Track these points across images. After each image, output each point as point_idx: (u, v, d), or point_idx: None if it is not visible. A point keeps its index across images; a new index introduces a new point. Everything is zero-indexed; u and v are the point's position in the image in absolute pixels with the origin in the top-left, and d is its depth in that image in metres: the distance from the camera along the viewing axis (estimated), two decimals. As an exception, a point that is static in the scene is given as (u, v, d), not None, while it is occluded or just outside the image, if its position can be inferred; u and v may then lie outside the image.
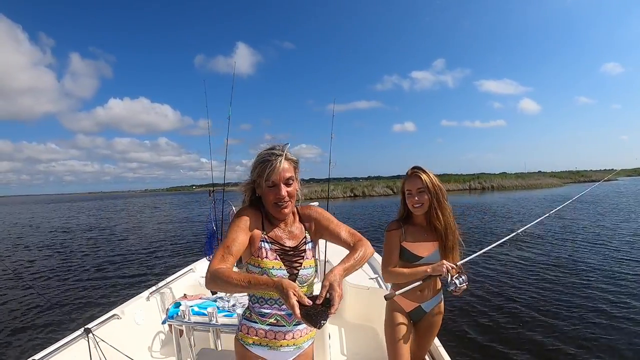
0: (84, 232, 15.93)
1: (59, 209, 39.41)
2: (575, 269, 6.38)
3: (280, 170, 1.18)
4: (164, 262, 8.63)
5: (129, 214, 27.87)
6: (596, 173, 64.29)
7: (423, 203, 1.65)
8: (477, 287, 5.52)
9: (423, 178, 1.64)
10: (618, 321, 4.14)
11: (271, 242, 1.24)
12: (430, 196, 1.63)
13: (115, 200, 76.67)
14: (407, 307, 1.74)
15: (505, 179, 43.09)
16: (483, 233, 10.80)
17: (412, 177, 1.67)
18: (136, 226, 17.82)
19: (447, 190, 1.71)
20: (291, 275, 1.22)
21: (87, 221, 21.76)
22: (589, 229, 10.51)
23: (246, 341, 1.26)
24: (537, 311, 4.54)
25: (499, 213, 16.26)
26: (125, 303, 2.73)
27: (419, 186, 1.64)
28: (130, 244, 11.90)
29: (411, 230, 1.70)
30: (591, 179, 53.07)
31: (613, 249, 7.75)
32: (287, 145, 1.23)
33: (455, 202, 23.66)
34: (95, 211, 33.11)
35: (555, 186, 41.57)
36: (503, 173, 52.39)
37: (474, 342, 3.83)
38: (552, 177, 50.89)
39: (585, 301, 4.81)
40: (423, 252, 1.68)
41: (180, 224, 18.06)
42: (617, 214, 13.76)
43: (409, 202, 1.68)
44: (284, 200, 1.20)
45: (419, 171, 1.67)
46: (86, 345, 2.09)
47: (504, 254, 7.61)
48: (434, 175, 1.67)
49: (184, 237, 13.08)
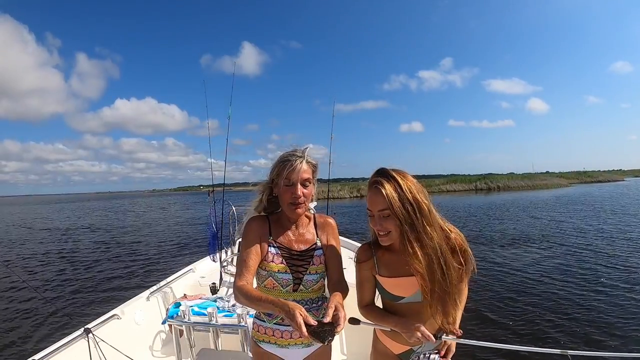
0: (86, 232, 15.97)
1: (65, 209, 39.48)
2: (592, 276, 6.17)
3: (299, 170, 1.21)
4: (163, 262, 8.65)
5: (134, 214, 27.91)
6: (603, 174, 64.06)
7: (390, 230, 1.10)
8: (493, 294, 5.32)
9: (386, 193, 1.06)
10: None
11: (278, 246, 1.27)
12: (400, 220, 1.07)
13: (122, 200, 76.84)
14: (395, 349, 1.27)
15: (512, 180, 43.07)
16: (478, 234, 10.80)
17: (372, 191, 1.11)
18: (137, 226, 17.85)
19: (453, 190, 1.33)
20: (296, 279, 1.25)
21: (90, 221, 21.82)
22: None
23: (258, 338, 1.31)
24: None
25: (492, 214, 16.28)
26: (125, 303, 2.73)
27: (381, 207, 1.09)
28: (130, 244, 11.93)
29: (386, 259, 1.21)
30: (597, 180, 53.37)
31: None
32: (307, 149, 1.27)
33: (459, 203, 23.71)
34: (101, 211, 33.20)
35: (562, 187, 41.64)
36: (511, 173, 52.46)
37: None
38: (559, 177, 51.00)
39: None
40: (403, 291, 1.18)
41: (181, 224, 18.10)
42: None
43: (373, 227, 1.16)
44: (299, 199, 1.22)
45: (382, 180, 1.09)
46: (86, 345, 2.09)
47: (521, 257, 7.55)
48: (410, 183, 1.10)
49: (184, 237, 13.10)
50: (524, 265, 6.78)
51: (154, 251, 10.28)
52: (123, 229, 16.64)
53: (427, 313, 1.15)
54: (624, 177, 65.84)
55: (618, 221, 11.94)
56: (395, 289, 1.20)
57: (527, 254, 7.76)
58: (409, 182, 1.10)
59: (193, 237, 12.67)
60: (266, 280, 1.26)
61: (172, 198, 76.46)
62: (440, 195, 33.75)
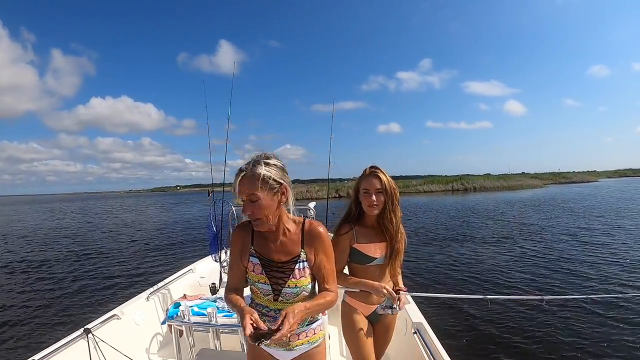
0: (86, 232, 15.93)
1: (54, 209, 39.38)
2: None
3: (236, 189, 1.16)
4: (163, 262, 8.64)
5: (129, 214, 27.85)
6: (577, 174, 64.96)
7: (379, 204, 1.61)
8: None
9: (382, 178, 1.60)
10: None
11: (258, 256, 1.26)
12: (387, 197, 1.60)
13: (105, 200, 76.26)
14: (365, 310, 1.71)
15: (488, 180, 43.69)
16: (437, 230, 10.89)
17: (371, 176, 1.63)
18: (136, 226, 17.82)
19: (431, 191, 1.72)
20: (275, 290, 1.24)
21: (87, 220, 21.76)
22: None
23: None
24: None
25: (455, 215, 16.34)
26: (125, 303, 2.73)
27: (378, 186, 1.60)
28: (130, 244, 11.91)
29: (362, 231, 1.66)
30: (572, 181, 54.32)
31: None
32: (259, 156, 1.18)
33: (435, 203, 24.17)
34: (98, 211, 33.10)
35: (536, 187, 42.33)
36: (487, 174, 53.03)
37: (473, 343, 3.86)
38: (534, 178, 51.61)
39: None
40: (375, 252, 1.64)
41: (179, 224, 18.06)
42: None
43: (365, 202, 1.62)
44: (252, 216, 1.17)
45: (378, 171, 1.63)
46: (86, 346, 2.09)
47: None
48: (389, 177, 1.64)
49: (183, 237, 13.08)
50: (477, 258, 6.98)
51: (154, 251, 10.27)
52: (122, 229, 16.63)
53: (387, 275, 1.68)
54: (598, 178, 67.27)
55: (572, 222, 12.53)
56: (370, 251, 1.65)
57: (485, 249, 8.58)
58: (389, 176, 1.64)
59: (193, 238, 12.66)
60: (251, 287, 1.29)
61: (152, 199, 75.49)
62: (417, 196, 33.90)
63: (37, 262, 9.31)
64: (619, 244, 8.40)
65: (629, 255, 7.24)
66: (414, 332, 2.20)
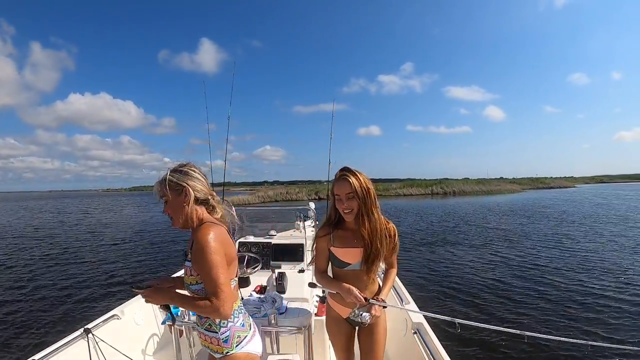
0: (85, 232, 15.93)
1: (48, 207, 39.34)
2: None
3: (155, 190, 1.33)
4: (163, 262, 8.64)
5: (127, 213, 27.85)
6: (555, 180, 65.66)
7: (353, 209, 1.55)
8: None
9: (352, 182, 1.52)
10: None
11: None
12: (359, 201, 1.54)
13: (73, 199, 75.43)
14: (342, 312, 1.70)
15: (467, 185, 44.08)
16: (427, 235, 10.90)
17: (340, 181, 1.56)
18: (135, 226, 17.82)
19: (410, 194, 1.67)
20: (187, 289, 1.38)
21: (85, 219, 21.75)
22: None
23: None
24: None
25: (440, 217, 16.32)
26: (125, 303, 2.73)
27: (348, 191, 1.53)
28: (130, 243, 11.91)
29: (340, 235, 1.64)
30: (549, 186, 54.78)
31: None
32: (173, 168, 1.34)
33: (414, 206, 24.32)
34: (94, 210, 33.08)
35: (515, 192, 42.70)
36: (465, 179, 53.30)
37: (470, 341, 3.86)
38: (512, 183, 52.15)
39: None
40: (350, 258, 1.61)
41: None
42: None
43: (339, 208, 1.58)
44: (166, 214, 1.33)
45: (348, 174, 1.55)
46: (86, 346, 2.08)
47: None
48: (364, 177, 1.56)
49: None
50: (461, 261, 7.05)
51: (154, 251, 10.27)
52: (121, 229, 16.62)
53: (364, 281, 1.64)
54: (575, 183, 68.40)
55: (544, 226, 12.86)
56: (345, 256, 1.62)
57: (462, 252, 8.76)
58: (363, 176, 1.57)
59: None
60: None
61: (133, 198, 74.57)
62: (397, 199, 34.08)
63: (36, 261, 9.32)
64: (592, 247, 8.62)
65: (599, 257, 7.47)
66: (414, 332, 2.20)
